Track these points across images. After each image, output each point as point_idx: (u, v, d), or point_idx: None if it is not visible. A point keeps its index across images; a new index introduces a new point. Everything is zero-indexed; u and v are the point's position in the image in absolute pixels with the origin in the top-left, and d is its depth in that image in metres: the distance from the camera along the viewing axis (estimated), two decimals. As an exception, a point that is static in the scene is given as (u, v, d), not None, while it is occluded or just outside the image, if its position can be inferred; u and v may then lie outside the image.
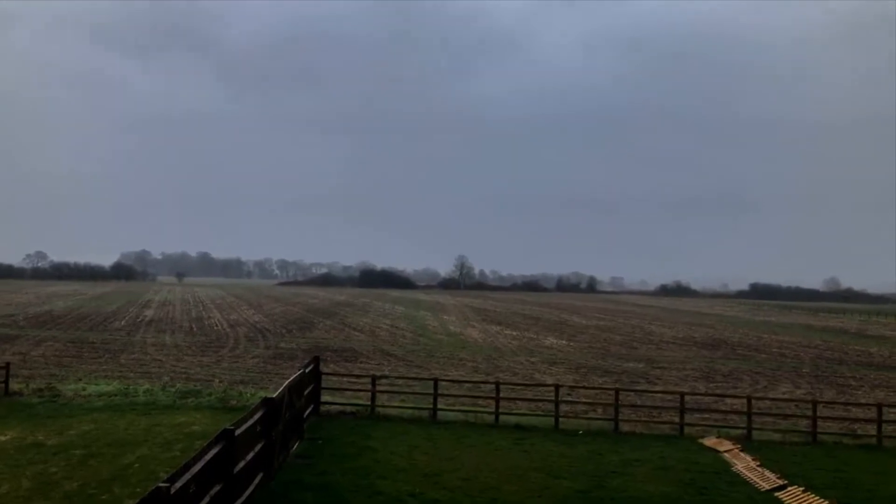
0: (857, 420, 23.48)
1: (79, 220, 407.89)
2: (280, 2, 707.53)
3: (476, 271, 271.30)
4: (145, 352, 38.26)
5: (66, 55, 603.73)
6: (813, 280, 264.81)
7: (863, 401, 28.75)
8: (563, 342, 51.98)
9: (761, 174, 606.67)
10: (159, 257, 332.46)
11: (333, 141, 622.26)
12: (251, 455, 12.03)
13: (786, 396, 29.59)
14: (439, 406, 22.33)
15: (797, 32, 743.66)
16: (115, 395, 23.50)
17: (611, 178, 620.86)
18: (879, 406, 21.55)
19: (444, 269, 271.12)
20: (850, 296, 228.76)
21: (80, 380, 27.41)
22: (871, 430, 21.54)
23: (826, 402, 24.61)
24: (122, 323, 56.77)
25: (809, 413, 21.74)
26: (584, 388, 28.09)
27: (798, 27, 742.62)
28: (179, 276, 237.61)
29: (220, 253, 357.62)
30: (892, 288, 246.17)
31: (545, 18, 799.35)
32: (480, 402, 24.16)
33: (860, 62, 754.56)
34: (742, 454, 17.98)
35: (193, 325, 55.83)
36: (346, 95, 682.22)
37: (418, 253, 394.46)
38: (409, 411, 22.37)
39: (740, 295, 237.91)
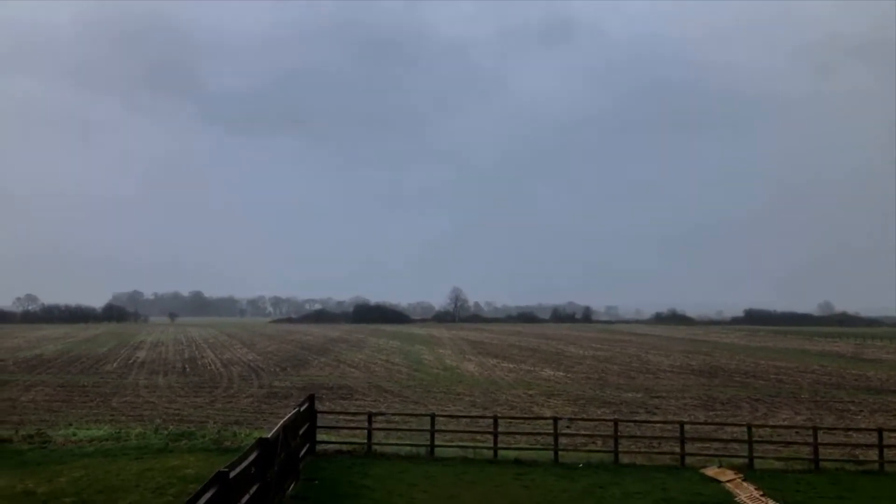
0: (858, 445, 23.28)
1: (70, 261, 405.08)
2: (264, 51, 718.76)
3: (471, 303, 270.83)
4: (137, 394, 37.72)
5: (50, 94, 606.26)
6: (807, 305, 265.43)
7: (863, 426, 28.58)
8: (561, 373, 51.63)
9: (748, 203, 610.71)
10: (151, 298, 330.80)
11: (321, 177, 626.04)
12: (246, 498, 11.77)
13: (786, 423, 29.37)
14: (437, 442, 22.01)
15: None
16: (107, 440, 23.05)
17: (600, 210, 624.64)
18: (880, 430, 21.38)
19: (439, 301, 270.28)
20: (844, 319, 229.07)
21: (71, 425, 26.92)
22: (873, 455, 21.34)
23: (826, 429, 24.40)
24: (114, 365, 56.08)
25: (810, 440, 21.53)
26: (583, 419, 27.82)
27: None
28: (172, 316, 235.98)
29: (212, 292, 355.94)
30: (886, 311, 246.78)
31: (521, 59, 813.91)
32: (479, 437, 23.85)
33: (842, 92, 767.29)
34: (745, 484, 17.74)
35: (186, 366, 55.21)
36: (331, 133, 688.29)
37: (412, 286, 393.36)
38: (407, 448, 22.02)
39: (735, 321, 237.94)
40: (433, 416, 22.73)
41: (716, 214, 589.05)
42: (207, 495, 9.43)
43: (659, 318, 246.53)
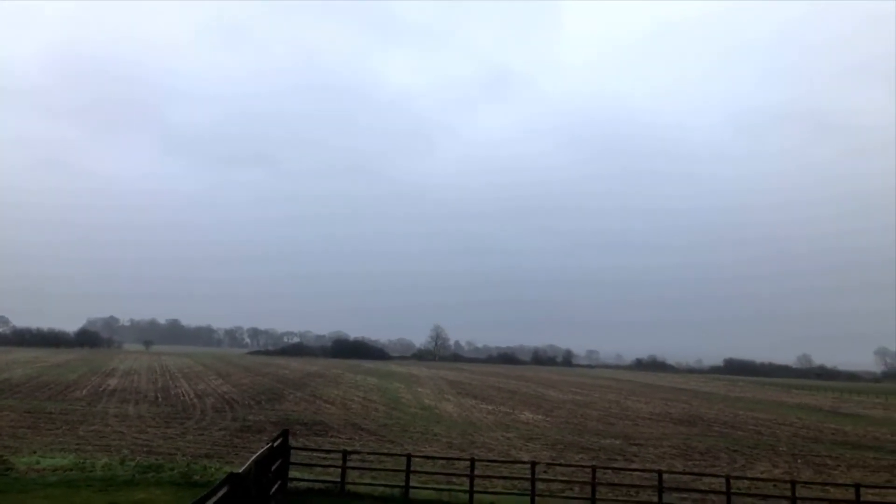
0: (835, 501, 23.15)
1: (44, 284, 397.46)
2: (228, 85, 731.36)
3: (451, 342, 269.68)
4: (106, 423, 36.71)
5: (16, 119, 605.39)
6: (785, 356, 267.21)
7: (840, 480, 28.48)
8: (540, 417, 51.16)
9: (731, 255, 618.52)
10: (127, 324, 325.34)
11: (297, 215, 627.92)
12: (213, 536, 11.37)
13: (764, 476, 29.20)
14: (412, 483, 21.60)
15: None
16: (71, 470, 22.34)
17: (573, 254, 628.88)
18: (857, 486, 21.32)
19: (419, 339, 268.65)
20: (822, 373, 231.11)
21: (35, 452, 26.10)
22: (851, 511, 21.22)
23: (804, 483, 24.29)
24: (84, 392, 54.70)
25: (788, 493, 21.43)
26: (560, 465, 27.46)
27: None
28: (147, 343, 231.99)
29: (190, 320, 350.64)
30: (863, 366, 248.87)
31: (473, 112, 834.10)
32: (455, 479, 23.43)
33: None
34: (723, 536, 17.52)
35: (159, 395, 54.00)
36: (301, 173, 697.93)
37: (393, 323, 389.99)
38: (381, 489, 21.56)
39: (714, 370, 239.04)
40: (409, 457, 22.34)
41: (693, 267, 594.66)
42: (173, 531, 9.09)
43: (639, 365, 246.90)
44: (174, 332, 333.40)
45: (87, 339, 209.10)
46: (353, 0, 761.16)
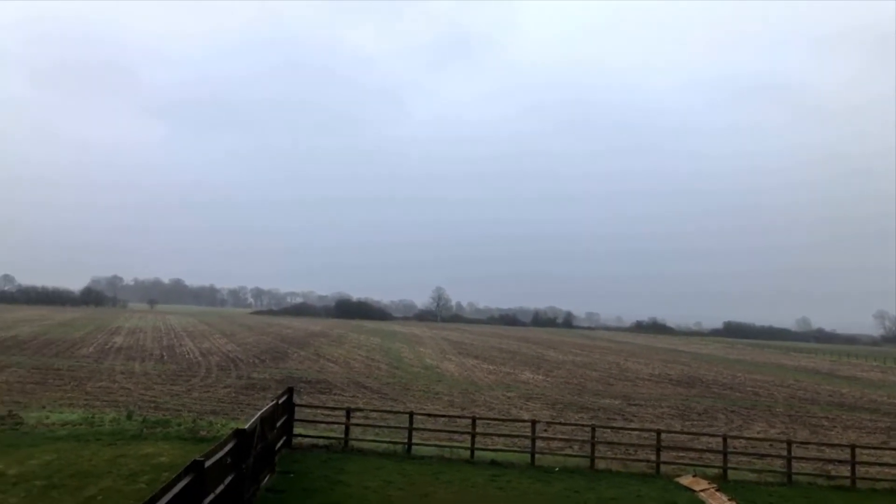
0: (830, 461, 23.60)
1: (49, 243, 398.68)
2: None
3: (453, 303, 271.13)
4: (113, 380, 37.26)
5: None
6: (785, 319, 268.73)
7: (836, 441, 28.93)
8: (540, 377, 51.78)
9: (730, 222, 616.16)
10: (131, 283, 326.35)
11: (301, 174, 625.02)
12: (221, 488, 11.64)
13: (761, 436, 29.67)
14: (414, 440, 21.99)
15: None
16: (80, 424, 22.75)
17: (575, 213, 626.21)
18: (853, 447, 21.67)
19: (421, 300, 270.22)
20: (821, 336, 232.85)
21: (44, 407, 26.56)
22: (845, 471, 21.62)
23: (800, 443, 24.68)
24: (90, 350, 55.38)
25: (784, 453, 21.79)
26: (560, 424, 27.90)
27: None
28: (151, 302, 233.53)
29: (193, 280, 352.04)
30: (861, 329, 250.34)
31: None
32: (456, 437, 23.85)
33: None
34: (718, 494, 17.88)
35: (164, 353, 54.66)
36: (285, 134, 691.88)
37: (395, 284, 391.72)
38: (384, 445, 21.96)
39: (714, 333, 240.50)
40: (411, 415, 22.69)
41: (693, 228, 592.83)
42: (182, 483, 9.31)
43: (639, 327, 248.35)
44: (178, 292, 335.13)
45: (91, 297, 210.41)
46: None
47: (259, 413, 16.01)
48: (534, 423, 22.43)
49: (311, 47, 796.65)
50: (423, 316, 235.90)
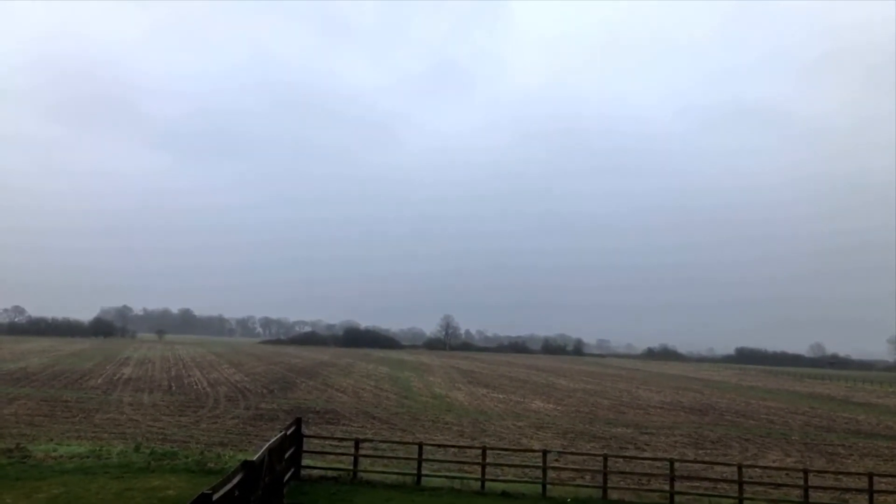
0: (847, 490, 23.10)
1: (58, 274, 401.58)
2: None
3: (462, 331, 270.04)
4: (121, 411, 37.16)
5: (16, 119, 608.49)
6: (798, 345, 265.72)
7: (853, 470, 28.37)
8: (551, 406, 51.24)
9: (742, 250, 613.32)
10: (141, 313, 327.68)
11: (308, 200, 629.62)
12: (228, 522, 11.52)
13: (776, 465, 29.14)
14: (424, 471, 21.74)
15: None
16: (87, 457, 22.65)
17: (584, 244, 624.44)
18: (870, 475, 21.25)
19: (430, 328, 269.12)
20: (835, 362, 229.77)
21: (52, 440, 26.48)
22: (863, 500, 21.19)
23: (817, 471, 24.21)
24: (99, 381, 55.35)
25: (801, 482, 21.40)
26: (572, 453, 27.53)
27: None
28: (160, 333, 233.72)
29: (202, 310, 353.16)
30: (876, 355, 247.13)
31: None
32: (466, 467, 23.55)
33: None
34: (734, 525, 17.53)
35: (172, 384, 54.55)
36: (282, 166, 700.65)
37: (404, 312, 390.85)
38: (393, 476, 21.72)
39: (726, 359, 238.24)
40: (421, 445, 22.47)
41: (705, 255, 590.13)
42: (189, 517, 9.22)
43: (651, 354, 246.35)
44: (186, 322, 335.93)
45: (101, 328, 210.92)
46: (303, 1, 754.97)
47: (267, 444, 15.91)
48: (545, 452, 22.15)
49: (311, 80, 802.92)
50: (432, 344, 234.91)
